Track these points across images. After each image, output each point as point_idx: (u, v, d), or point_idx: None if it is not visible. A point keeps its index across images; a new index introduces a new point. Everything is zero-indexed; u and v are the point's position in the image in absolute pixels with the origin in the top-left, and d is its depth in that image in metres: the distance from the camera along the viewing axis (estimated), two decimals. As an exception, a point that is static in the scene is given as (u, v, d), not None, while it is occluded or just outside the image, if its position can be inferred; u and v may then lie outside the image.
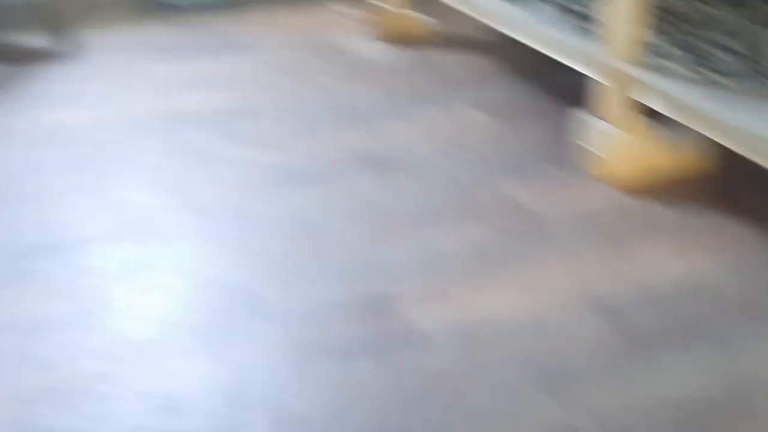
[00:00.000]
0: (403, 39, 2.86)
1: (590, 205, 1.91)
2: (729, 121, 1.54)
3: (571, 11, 2.16)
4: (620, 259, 1.64)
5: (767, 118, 1.51)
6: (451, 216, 1.85)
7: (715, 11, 2.15)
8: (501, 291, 1.60)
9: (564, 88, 2.52)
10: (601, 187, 1.91)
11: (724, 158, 1.88)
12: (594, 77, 1.86)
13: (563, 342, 1.34)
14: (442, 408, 1.21)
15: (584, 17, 2.10)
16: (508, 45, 2.74)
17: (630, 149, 1.82)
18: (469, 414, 1.20)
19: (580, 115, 1.96)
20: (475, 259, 1.66)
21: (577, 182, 1.99)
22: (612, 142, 1.82)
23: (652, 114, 1.79)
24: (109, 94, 2.33)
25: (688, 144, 1.86)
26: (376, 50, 2.78)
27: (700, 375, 1.25)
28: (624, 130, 1.80)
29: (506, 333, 1.42)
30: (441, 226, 1.77)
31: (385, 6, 2.79)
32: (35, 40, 2.77)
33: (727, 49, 1.85)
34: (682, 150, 1.87)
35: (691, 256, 1.62)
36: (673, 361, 1.29)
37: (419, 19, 2.85)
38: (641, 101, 1.76)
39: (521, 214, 1.86)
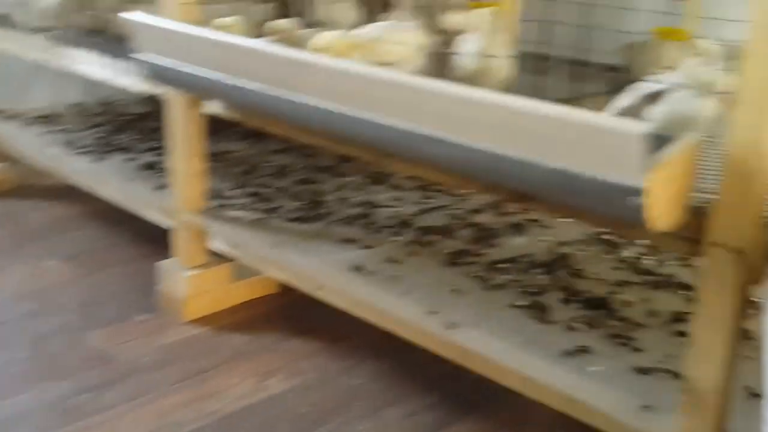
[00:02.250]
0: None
1: (171, 344, 2.03)
2: (278, 258, 1.91)
3: (151, 166, 2.51)
4: (200, 392, 1.82)
5: (313, 255, 1.91)
6: (36, 377, 1.80)
7: (287, 160, 2.65)
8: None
9: (149, 231, 2.46)
10: (181, 325, 2.11)
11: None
12: (170, 226, 2.15)
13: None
14: None
15: (162, 171, 2.42)
16: (88, 192, 2.48)
17: (203, 285, 2.14)
18: None
19: (162, 258, 2.18)
20: (58, 419, 1.66)
21: (160, 324, 2.12)
22: (186, 282, 2.11)
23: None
24: None
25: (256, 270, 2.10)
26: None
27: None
28: (197, 269, 2.12)
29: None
30: (23, 390, 1.75)
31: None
32: None
33: (293, 196, 2.30)
34: (250, 277, 2.21)
35: (264, 378, 1.89)
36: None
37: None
38: (207, 244, 2.10)
39: (106, 364, 1.91)
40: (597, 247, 2.04)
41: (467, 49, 1.54)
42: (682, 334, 1.61)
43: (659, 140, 1.18)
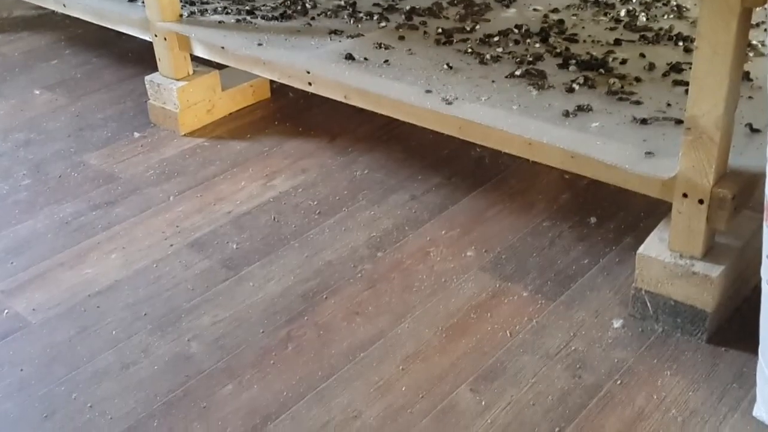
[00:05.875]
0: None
1: (171, 157, 2.02)
2: (266, 57, 1.86)
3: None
4: (209, 198, 1.84)
5: (301, 49, 1.87)
6: (43, 201, 1.82)
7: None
8: (105, 259, 1.61)
9: (130, 52, 2.57)
10: (177, 139, 2.09)
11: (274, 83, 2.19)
12: (148, 38, 2.11)
13: (170, 285, 1.56)
14: (66, 374, 1.35)
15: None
16: (66, 18, 2.39)
17: (193, 96, 2.10)
18: (97, 371, 1.35)
19: (149, 75, 2.13)
20: (72, 237, 1.69)
21: (156, 140, 2.10)
22: (176, 95, 2.07)
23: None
24: None
25: (243, 78, 2.17)
26: None
27: (288, 273, 1.57)
28: (185, 80, 2.09)
29: (116, 295, 1.51)
30: (33, 214, 1.77)
31: None
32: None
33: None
34: (241, 84, 2.20)
35: (270, 179, 1.89)
36: (263, 270, 1.58)
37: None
38: (190, 52, 2.05)
39: (110, 182, 1.94)
40: (590, 11, 1.98)
41: None
42: (681, 83, 1.59)
43: None
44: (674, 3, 1.97)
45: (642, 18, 1.89)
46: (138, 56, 2.51)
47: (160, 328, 1.45)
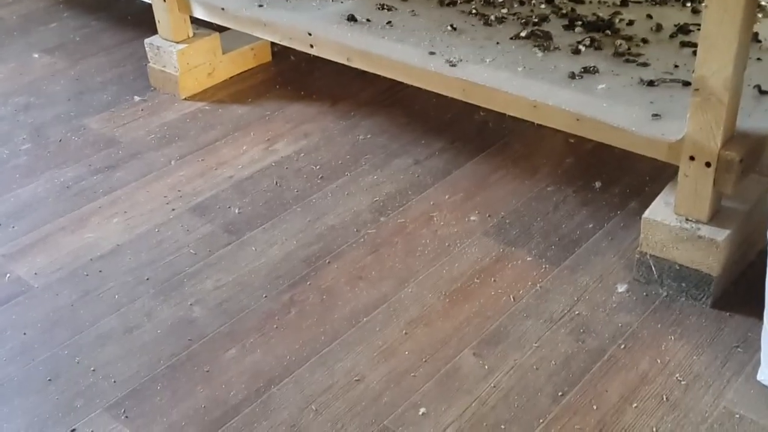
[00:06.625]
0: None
1: (172, 121, 1.99)
2: (267, 18, 1.82)
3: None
4: (210, 163, 1.82)
5: (302, 10, 1.84)
6: (43, 165, 1.80)
7: None
8: (106, 224, 1.59)
9: (128, 14, 2.55)
10: (178, 103, 2.07)
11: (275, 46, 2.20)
12: (151, 1, 2.06)
13: (172, 249, 1.55)
14: (70, 338, 1.35)
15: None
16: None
17: (194, 59, 2.08)
18: (100, 335, 1.35)
19: (149, 38, 2.10)
20: (73, 201, 1.67)
21: (156, 103, 2.07)
22: (176, 58, 2.04)
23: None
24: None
25: (244, 40, 2.15)
26: None
27: (290, 237, 1.56)
28: (185, 43, 2.06)
29: (118, 259, 1.50)
30: (33, 179, 1.75)
31: None
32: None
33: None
34: (242, 47, 2.17)
35: (272, 144, 1.87)
36: (266, 235, 1.58)
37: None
38: (190, 13, 2.02)
39: (111, 147, 1.94)
40: (597, -29, 1.94)
41: None
42: (688, 44, 1.56)
43: None
44: (683, -37, 1.93)
45: (650, -22, 1.86)
46: (137, 19, 2.48)
47: (163, 293, 1.45)
